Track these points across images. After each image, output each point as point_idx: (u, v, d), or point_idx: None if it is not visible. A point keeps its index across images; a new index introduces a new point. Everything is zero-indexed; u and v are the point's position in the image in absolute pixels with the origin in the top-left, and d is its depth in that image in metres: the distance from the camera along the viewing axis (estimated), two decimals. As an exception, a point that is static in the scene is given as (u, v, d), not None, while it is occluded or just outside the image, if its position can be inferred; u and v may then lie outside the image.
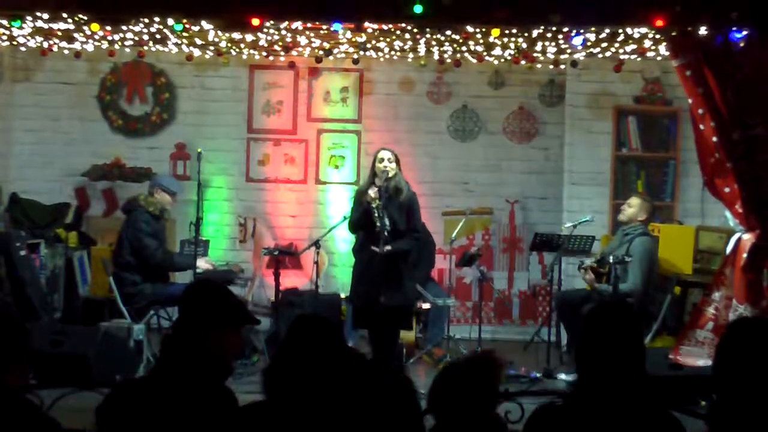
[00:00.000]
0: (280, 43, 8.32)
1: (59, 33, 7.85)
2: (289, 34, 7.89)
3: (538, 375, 7.27)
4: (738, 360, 2.95)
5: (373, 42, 8.11)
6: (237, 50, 8.68)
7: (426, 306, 8.07)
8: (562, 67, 8.84)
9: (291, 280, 8.87)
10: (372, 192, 6.92)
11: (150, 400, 2.95)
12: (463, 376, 3.07)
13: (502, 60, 8.66)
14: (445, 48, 8.21)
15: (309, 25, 7.46)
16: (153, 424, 2.90)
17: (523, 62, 8.62)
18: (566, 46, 7.89)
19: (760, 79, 6.54)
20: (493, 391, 3.10)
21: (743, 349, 2.95)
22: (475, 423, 3.05)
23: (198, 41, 8.30)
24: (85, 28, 7.50)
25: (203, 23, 7.30)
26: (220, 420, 2.94)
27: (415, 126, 9.44)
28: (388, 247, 6.86)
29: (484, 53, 8.34)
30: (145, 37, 8.09)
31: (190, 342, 3.01)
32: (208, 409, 2.95)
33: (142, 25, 7.45)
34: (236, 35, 7.92)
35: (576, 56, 8.38)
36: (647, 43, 7.62)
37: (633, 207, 7.74)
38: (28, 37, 8.15)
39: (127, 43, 8.41)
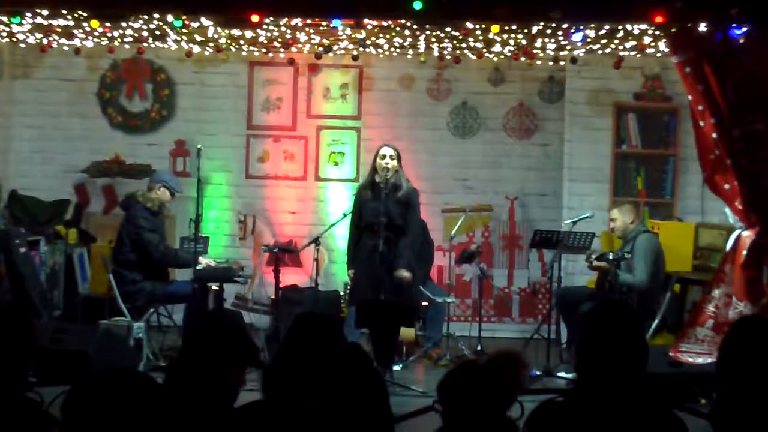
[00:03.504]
0: (280, 40, 8.31)
1: (59, 29, 7.84)
2: (288, 31, 7.89)
3: (538, 373, 7.24)
4: (742, 360, 2.94)
5: (373, 38, 8.11)
6: (236, 47, 8.67)
7: (424, 304, 8.06)
8: (562, 63, 8.83)
9: (291, 277, 8.85)
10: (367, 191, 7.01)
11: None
12: (483, 377, 2.99)
13: (502, 56, 8.67)
14: (444, 44, 8.21)
15: (308, 21, 7.46)
16: None
17: (522, 59, 8.62)
18: (566, 42, 7.88)
19: (759, 76, 6.54)
20: (513, 394, 3.03)
21: (747, 349, 2.95)
22: (487, 425, 2.98)
23: (197, 38, 8.29)
24: (85, 24, 7.50)
25: (203, 20, 7.30)
26: None
27: (414, 122, 9.41)
28: (406, 274, 6.97)
29: (484, 50, 8.34)
30: (145, 34, 8.09)
31: (196, 373, 2.95)
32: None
33: (141, 21, 7.45)
34: (236, 32, 7.91)
35: (576, 53, 8.37)
36: (647, 40, 7.61)
37: (618, 219, 7.71)
38: (28, 34, 8.14)
39: (126, 39, 8.41)
